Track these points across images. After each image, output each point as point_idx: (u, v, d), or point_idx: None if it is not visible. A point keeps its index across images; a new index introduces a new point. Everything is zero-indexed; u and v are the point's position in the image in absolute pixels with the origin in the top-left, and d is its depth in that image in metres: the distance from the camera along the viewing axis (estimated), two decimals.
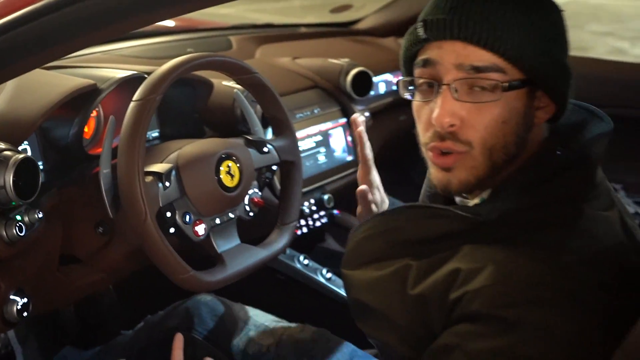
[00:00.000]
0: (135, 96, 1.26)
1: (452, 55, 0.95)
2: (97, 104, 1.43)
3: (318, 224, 1.96)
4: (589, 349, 0.87)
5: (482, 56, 0.94)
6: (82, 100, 1.41)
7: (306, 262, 1.85)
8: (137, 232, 1.24)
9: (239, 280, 1.41)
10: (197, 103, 1.68)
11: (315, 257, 1.98)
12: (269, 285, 1.85)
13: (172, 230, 1.32)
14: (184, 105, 1.69)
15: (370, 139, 2.14)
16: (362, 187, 1.25)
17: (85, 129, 1.52)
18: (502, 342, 0.87)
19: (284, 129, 1.53)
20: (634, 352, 0.80)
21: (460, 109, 0.96)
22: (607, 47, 8.29)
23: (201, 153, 1.36)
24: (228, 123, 1.66)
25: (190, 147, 1.38)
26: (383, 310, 1.01)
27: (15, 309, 1.29)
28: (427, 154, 1.03)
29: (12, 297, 1.30)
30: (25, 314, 1.32)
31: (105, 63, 1.72)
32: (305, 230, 1.92)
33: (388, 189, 2.59)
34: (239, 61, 1.42)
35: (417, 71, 1.01)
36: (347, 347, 1.49)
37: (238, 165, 1.40)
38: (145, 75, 1.48)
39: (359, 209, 1.29)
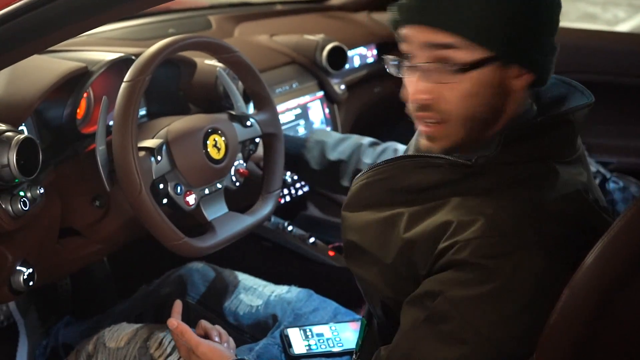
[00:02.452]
0: (126, 77, 1.36)
1: (420, 36, 1.03)
2: (89, 85, 1.51)
3: (300, 192, 2.06)
4: (553, 292, 0.94)
5: (446, 37, 0.99)
6: (74, 82, 1.49)
7: (290, 228, 1.96)
8: (132, 203, 1.34)
9: (228, 247, 1.52)
10: (181, 82, 1.77)
11: (299, 224, 2.09)
12: (256, 252, 1.96)
13: (165, 200, 1.42)
14: (169, 84, 1.77)
15: (346, 111, 2.26)
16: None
17: (77, 110, 1.61)
18: (483, 289, 0.96)
19: (265, 104, 1.63)
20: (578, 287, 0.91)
21: (430, 86, 1.03)
22: (578, 13, 8.40)
23: (189, 128, 1.46)
24: (211, 100, 1.75)
25: (178, 123, 1.48)
26: (373, 250, 1.11)
27: (21, 278, 1.39)
28: (415, 122, 1.11)
29: (18, 267, 1.40)
30: (31, 283, 1.41)
31: (93, 46, 1.80)
32: (288, 199, 2.02)
33: None
34: (220, 41, 1.52)
35: (400, 45, 1.09)
36: (331, 305, 1.60)
37: (224, 138, 1.50)
38: (133, 57, 1.57)
39: None
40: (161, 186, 1.40)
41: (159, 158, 1.39)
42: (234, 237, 1.50)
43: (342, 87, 2.17)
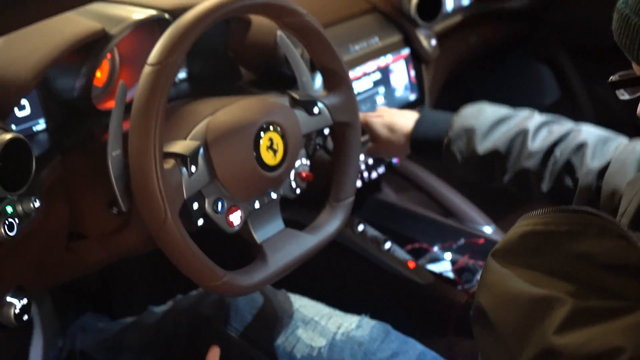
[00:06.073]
0: (151, 59, 0.97)
1: None
2: (106, 53, 1.15)
3: (374, 175, 1.66)
4: None
5: None
6: (89, 46, 1.13)
7: (361, 227, 1.57)
8: (155, 234, 0.98)
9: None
10: (231, 40, 1.38)
11: (368, 210, 1.72)
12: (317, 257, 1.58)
13: (200, 222, 1.06)
14: (215, 42, 1.38)
15: (435, 70, 1.82)
16: None
17: (98, 74, 1.25)
18: None
19: (338, 82, 1.23)
20: None
21: None
22: None
23: (237, 123, 1.07)
24: (269, 65, 1.36)
25: (223, 115, 1.09)
26: (506, 336, 0.75)
27: (12, 312, 1.08)
28: None
29: (8, 299, 1.08)
30: (25, 317, 1.10)
31: None
32: (359, 184, 1.63)
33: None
34: (284, 2, 1.11)
35: None
36: (414, 348, 1.24)
37: (282, 135, 1.11)
38: (167, 17, 1.19)
39: None
40: (196, 206, 1.03)
41: (192, 169, 1.01)
42: (290, 266, 1.14)
43: (433, 41, 1.73)
